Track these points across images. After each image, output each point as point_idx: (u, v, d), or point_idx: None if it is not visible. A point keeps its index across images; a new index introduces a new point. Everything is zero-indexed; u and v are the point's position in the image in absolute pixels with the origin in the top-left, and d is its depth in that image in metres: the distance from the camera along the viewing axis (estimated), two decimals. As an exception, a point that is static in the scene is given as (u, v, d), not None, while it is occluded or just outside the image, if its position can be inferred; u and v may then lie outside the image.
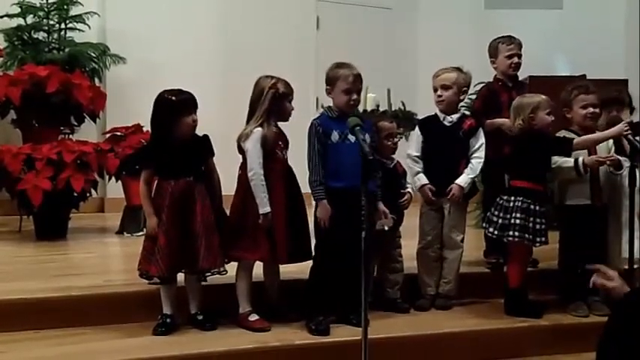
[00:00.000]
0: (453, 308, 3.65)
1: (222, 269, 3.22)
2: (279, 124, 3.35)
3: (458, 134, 3.64)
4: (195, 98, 3.23)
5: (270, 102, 3.25)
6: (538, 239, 3.45)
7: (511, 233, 3.44)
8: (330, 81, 3.36)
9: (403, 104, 5.38)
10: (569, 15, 7.43)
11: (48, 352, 2.94)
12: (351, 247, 3.06)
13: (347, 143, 3.28)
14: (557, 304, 3.64)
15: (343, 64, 3.38)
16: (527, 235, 3.43)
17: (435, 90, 3.64)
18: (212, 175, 3.29)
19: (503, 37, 4.08)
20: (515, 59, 4.00)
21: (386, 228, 3.33)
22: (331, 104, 3.41)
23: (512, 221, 3.44)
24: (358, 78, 3.34)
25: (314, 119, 3.37)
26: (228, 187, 3.31)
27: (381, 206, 3.37)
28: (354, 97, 3.33)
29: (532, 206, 3.43)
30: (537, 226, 3.44)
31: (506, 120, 3.81)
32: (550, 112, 3.51)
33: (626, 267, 3.58)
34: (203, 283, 3.27)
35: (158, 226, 3.13)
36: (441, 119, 3.66)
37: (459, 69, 3.65)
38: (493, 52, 4.07)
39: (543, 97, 3.54)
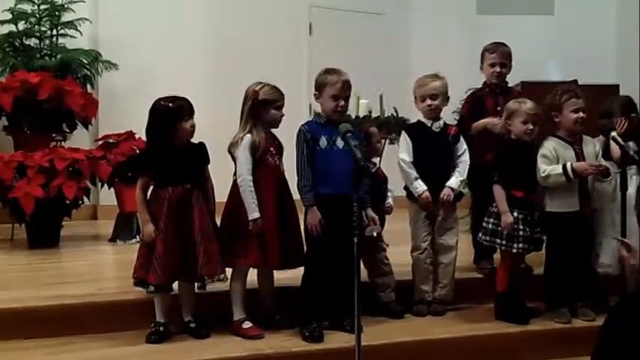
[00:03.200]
0: (446, 314, 3.65)
1: (222, 276, 3.21)
2: (275, 130, 3.36)
3: (447, 140, 3.66)
4: (192, 104, 3.24)
5: (251, 109, 3.25)
6: (515, 245, 3.48)
7: (497, 241, 3.50)
8: (319, 86, 3.37)
9: (395, 110, 5.40)
10: (561, 20, 7.47)
11: (41, 361, 2.92)
12: (342, 253, 3.08)
13: (335, 149, 3.29)
14: (550, 310, 3.64)
15: (332, 70, 3.37)
16: (514, 244, 3.48)
17: (423, 99, 3.64)
18: (207, 183, 3.29)
19: (490, 43, 4.06)
20: (497, 68, 3.96)
21: (375, 234, 3.32)
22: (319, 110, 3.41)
23: (489, 226, 3.52)
24: (346, 84, 3.34)
25: (302, 125, 3.36)
26: (219, 193, 3.31)
27: (370, 212, 3.37)
28: (342, 103, 3.33)
29: (514, 213, 3.46)
30: (520, 233, 3.47)
31: (491, 119, 3.83)
32: (527, 121, 3.51)
33: (600, 270, 3.64)
34: (202, 291, 3.26)
35: (155, 233, 3.11)
36: (429, 125, 3.68)
37: (438, 76, 3.67)
38: (481, 58, 4.08)
39: (527, 105, 3.53)
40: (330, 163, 3.27)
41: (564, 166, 3.48)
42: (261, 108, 3.26)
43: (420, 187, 3.60)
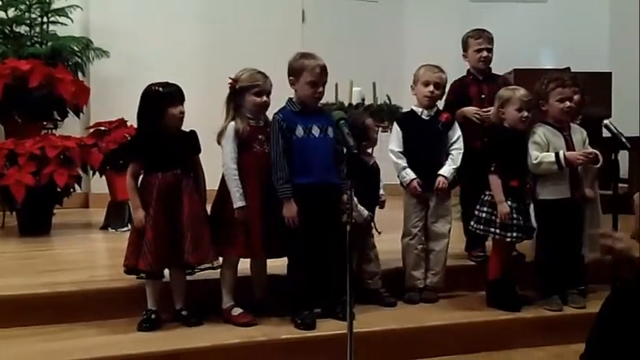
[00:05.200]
0: (438, 301, 3.66)
1: (214, 264, 3.20)
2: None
3: (436, 127, 3.66)
4: (182, 90, 3.22)
5: (230, 97, 3.25)
6: (509, 234, 3.49)
7: (492, 230, 3.50)
8: (295, 72, 3.25)
9: (389, 98, 5.38)
10: (554, 8, 7.47)
11: (32, 348, 2.91)
12: (324, 241, 3.07)
13: (312, 138, 3.23)
14: (541, 297, 3.65)
15: (309, 55, 3.29)
16: (508, 233, 3.49)
17: (427, 84, 3.63)
18: (197, 173, 3.27)
19: (473, 30, 4.10)
20: (485, 53, 4.01)
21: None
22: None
23: (483, 215, 3.53)
24: (324, 69, 3.25)
25: (276, 114, 3.26)
26: (210, 181, 3.30)
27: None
28: (320, 89, 3.24)
29: (508, 202, 3.46)
30: (514, 222, 3.48)
31: (471, 108, 3.87)
32: (521, 109, 3.50)
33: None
34: (189, 277, 3.26)
35: (145, 219, 3.10)
36: (419, 114, 3.68)
37: (443, 69, 3.68)
38: (464, 46, 4.10)
39: (520, 92, 3.53)
40: (308, 152, 3.21)
41: (557, 155, 3.48)
42: (240, 95, 3.24)
43: (408, 176, 3.61)
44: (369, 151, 3.67)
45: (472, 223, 3.60)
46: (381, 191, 3.65)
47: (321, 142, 3.22)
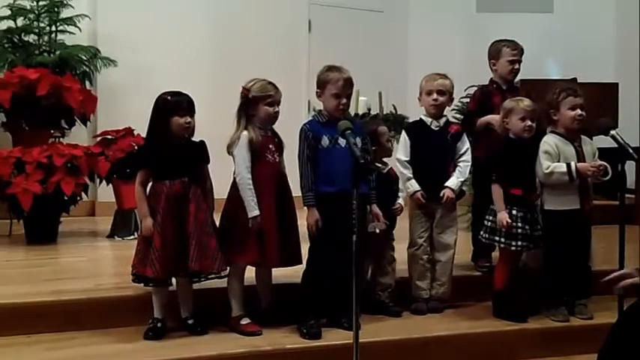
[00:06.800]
0: (444, 311, 3.66)
1: (222, 273, 3.21)
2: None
3: (446, 138, 3.66)
4: (193, 101, 3.23)
5: (243, 107, 3.27)
6: (514, 243, 3.50)
7: (497, 238, 3.52)
8: (320, 84, 3.35)
9: (394, 107, 5.39)
10: (560, 18, 7.46)
11: (39, 357, 2.93)
12: (344, 250, 3.08)
13: (337, 148, 3.28)
14: (547, 308, 3.64)
15: (334, 68, 3.37)
16: (513, 242, 3.49)
17: (430, 93, 3.64)
18: (205, 182, 3.28)
19: (507, 40, 4.04)
20: (517, 65, 4.00)
21: (377, 230, 3.34)
22: (321, 107, 3.41)
23: (489, 224, 3.55)
24: (348, 82, 3.33)
25: (304, 124, 3.36)
26: (218, 190, 3.31)
27: (375, 209, 3.39)
28: (344, 101, 3.32)
29: (513, 211, 3.48)
30: (520, 231, 3.48)
31: (495, 116, 3.82)
32: (524, 118, 3.52)
33: None
34: (195, 286, 3.26)
35: (153, 227, 3.11)
36: (429, 124, 3.68)
37: (447, 76, 3.69)
38: (495, 54, 4.03)
39: (524, 102, 3.54)
40: (333, 161, 3.26)
41: (569, 166, 3.49)
42: (252, 105, 3.26)
43: (412, 187, 3.62)
44: (385, 160, 3.65)
45: (481, 232, 3.60)
46: (399, 200, 3.63)
47: (346, 153, 3.22)
